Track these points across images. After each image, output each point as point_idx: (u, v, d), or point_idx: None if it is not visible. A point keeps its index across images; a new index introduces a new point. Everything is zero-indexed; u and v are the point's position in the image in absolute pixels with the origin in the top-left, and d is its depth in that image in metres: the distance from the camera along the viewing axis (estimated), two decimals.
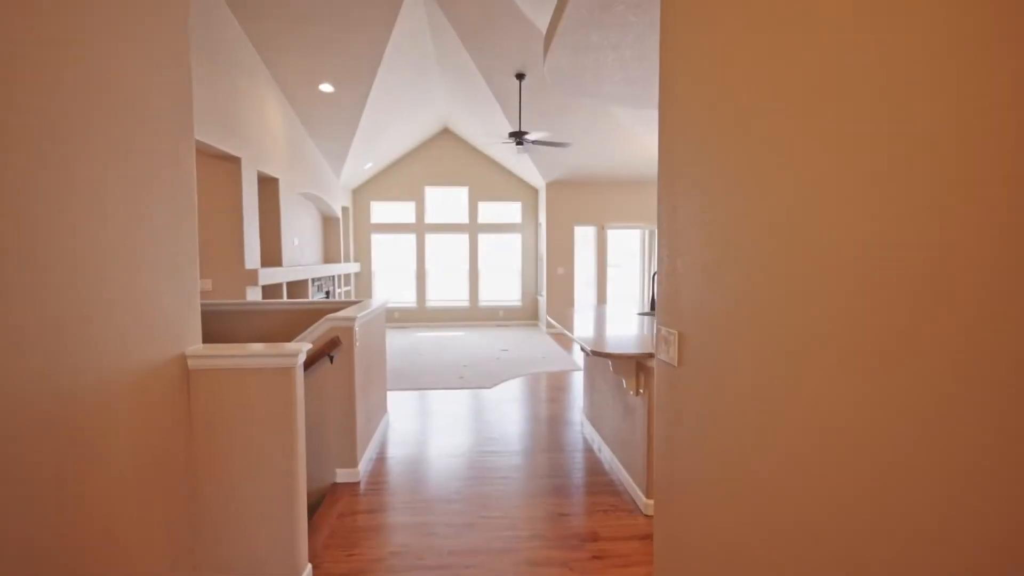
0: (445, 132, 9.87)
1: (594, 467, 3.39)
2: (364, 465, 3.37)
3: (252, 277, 5.08)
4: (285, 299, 6.01)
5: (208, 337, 4.13)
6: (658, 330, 1.69)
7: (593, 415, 3.95)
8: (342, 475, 3.19)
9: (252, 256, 5.23)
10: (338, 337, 3.13)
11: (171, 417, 1.93)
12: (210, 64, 4.48)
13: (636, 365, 2.86)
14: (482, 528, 2.64)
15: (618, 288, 9.66)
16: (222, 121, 4.67)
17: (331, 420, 3.18)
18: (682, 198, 1.50)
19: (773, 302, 1.10)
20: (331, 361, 3.15)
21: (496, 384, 5.61)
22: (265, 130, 5.60)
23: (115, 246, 1.59)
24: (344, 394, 3.19)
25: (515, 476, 3.26)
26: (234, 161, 4.99)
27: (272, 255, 6.08)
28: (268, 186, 5.97)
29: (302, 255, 7.33)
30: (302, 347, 2.11)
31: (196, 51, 4.26)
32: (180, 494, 1.97)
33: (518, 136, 5.93)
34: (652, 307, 4.59)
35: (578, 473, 3.30)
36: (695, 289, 1.45)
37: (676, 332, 1.56)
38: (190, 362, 2.02)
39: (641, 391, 2.84)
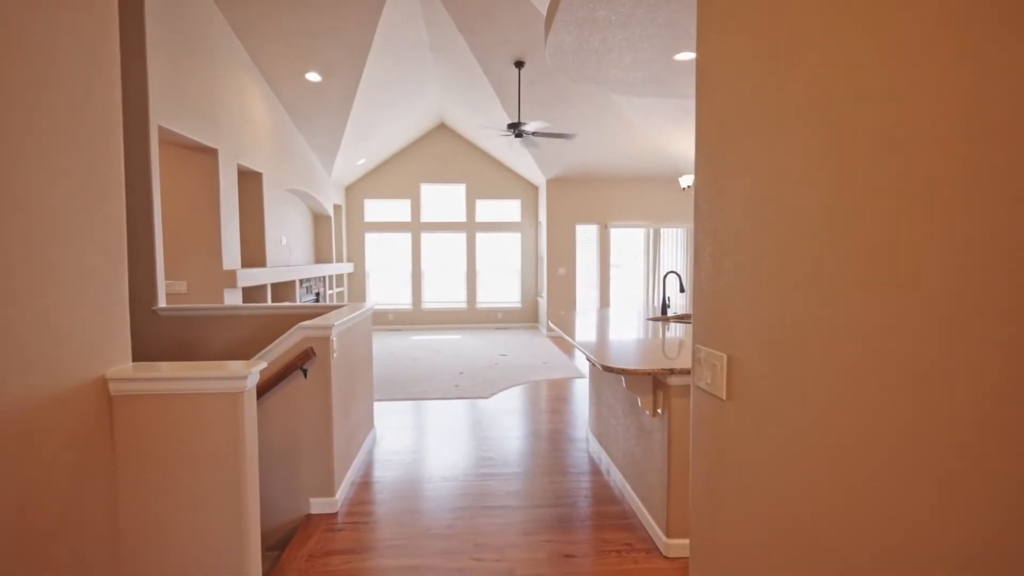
0: (441, 127, 9.49)
1: (603, 494, 3.01)
2: (344, 492, 2.99)
3: (230, 279, 4.70)
4: (268, 303, 5.63)
5: (175, 346, 3.75)
6: (696, 351, 1.32)
7: (600, 432, 3.58)
8: (317, 505, 2.81)
9: (231, 256, 4.85)
10: (312, 348, 2.75)
11: (87, 454, 1.55)
12: (184, 50, 4.10)
13: (653, 382, 2.48)
14: (476, 574, 2.26)
15: (620, 289, 9.28)
16: (197, 110, 4.29)
17: (304, 442, 2.80)
18: (734, 178, 1.13)
19: (883, 325, 0.73)
20: (304, 375, 2.77)
21: (494, 393, 5.23)
22: (247, 121, 5.23)
23: None
24: (319, 412, 2.81)
25: (514, 505, 2.88)
26: (210, 153, 4.61)
27: (255, 255, 5.70)
28: (250, 181, 5.59)
29: (290, 255, 6.95)
30: (252, 367, 1.73)
31: (169, 36, 3.88)
32: (101, 546, 1.59)
33: (516, 128, 5.55)
34: (663, 311, 4.22)
35: (585, 501, 2.92)
36: (754, 300, 1.07)
37: (724, 356, 1.18)
38: (112, 387, 1.64)
39: (659, 411, 2.47)
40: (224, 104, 4.77)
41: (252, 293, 5.61)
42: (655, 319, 4.07)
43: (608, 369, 2.34)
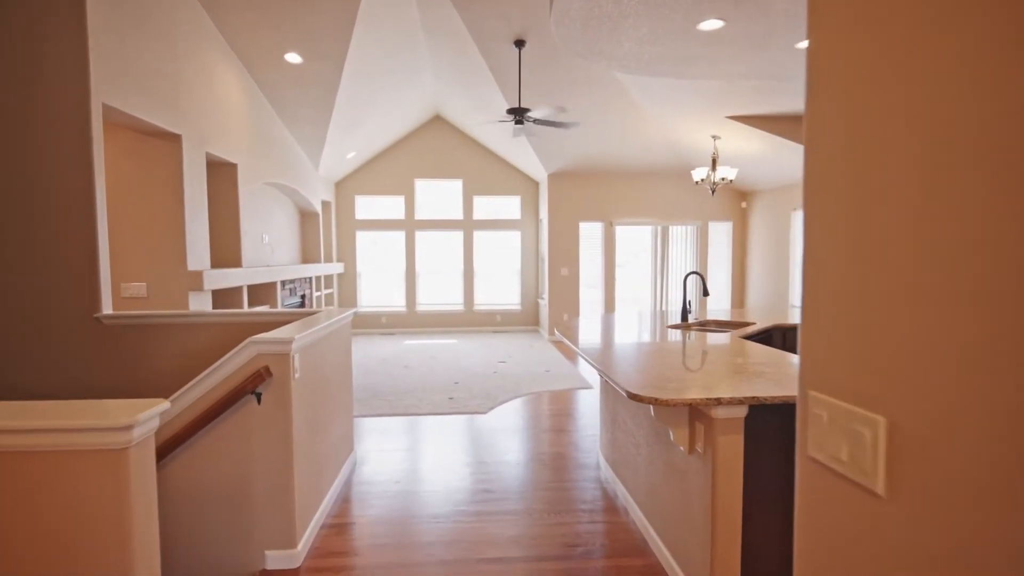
0: (437, 119, 8.98)
1: (622, 540, 2.51)
2: (309, 539, 2.48)
3: (196, 280, 4.19)
4: (244, 308, 5.12)
5: (121, 359, 3.25)
6: (811, 402, 0.81)
7: (615, 459, 3.07)
8: (274, 559, 2.30)
9: (198, 255, 4.34)
10: (266, 367, 2.24)
11: None
12: (138, 21, 3.59)
13: (691, 412, 1.98)
14: None
15: (624, 291, 8.75)
16: (155, 90, 3.78)
17: (259, 482, 2.29)
18: (892, 74, 0.62)
19: None
20: (258, 400, 2.26)
21: (492, 408, 4.72)
22: (217, 106, 4.72)
23: None
24: (277, 445, 2.30)
25: (516, 556, 2.38)
26: (173, 139, 4.10)
27: (229, 254, 5.19)
28: (223, 172, 5.08)
29: (272, 254, 6.44)
30: (142, 411, 1.22)
31: (119, 4, 3.37)
32: None
33: (517, 113, 5.05)
34: (684, 317, 3.72)
35: (600, 551, 2.42)
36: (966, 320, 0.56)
37: (881, 420, 0.68)
38: None
39: (698, 449, 1.96)
40: (189, 85, 4.26)
41: (226, 296, 5.10)
42: (675, 327, 3.57)
43: (635, 398, 1.83)
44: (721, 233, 8.61)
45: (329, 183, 8.62)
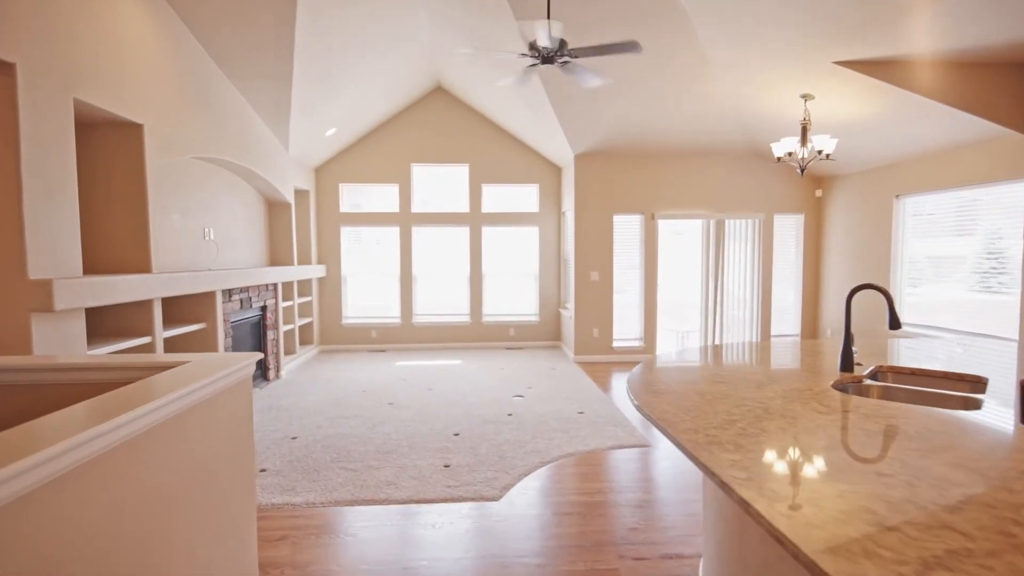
0: (438, 91, 7.43)
1: None
2: None
3: (42, 296, 2.66)
4: (145, 334, 3.59)
5: None
6: None
7: None
8: None
9: (55, 255, 2.82)
10: None
11: None
12: None
13: None
14: None
15: (660, 298, 7.08)
16: None
17: None
18: None
19: None
20: None
21: (508, 486, 3.13)
22: (96, 31, 3.18)
23: None
24: None
25: None
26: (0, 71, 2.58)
27: (127, 254, 3.65)
28: (117, 135, 3.55)
29: (216, 255, 4.92)
30: None
31: None
32: None
33: (538, 51, 3.46)
34: (846, 364, 2.13)
35: None
36: None
37: None
38: None
39: None
40: None
41: (122, 316, 3.57)
42: (840, 385, 1.97)
43: None
44: (788, 228, 6.97)
45: (306, 168, 7.10)
